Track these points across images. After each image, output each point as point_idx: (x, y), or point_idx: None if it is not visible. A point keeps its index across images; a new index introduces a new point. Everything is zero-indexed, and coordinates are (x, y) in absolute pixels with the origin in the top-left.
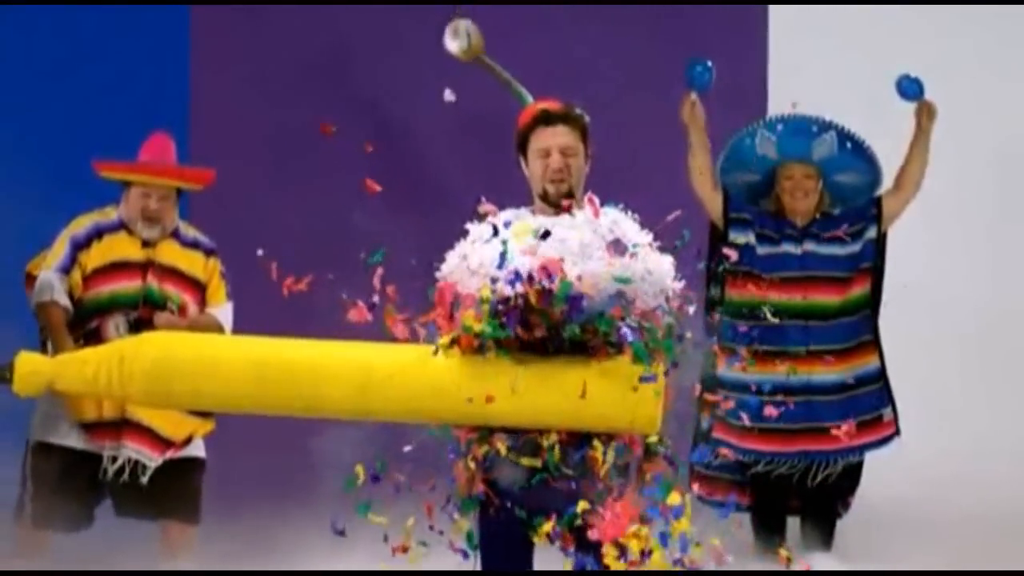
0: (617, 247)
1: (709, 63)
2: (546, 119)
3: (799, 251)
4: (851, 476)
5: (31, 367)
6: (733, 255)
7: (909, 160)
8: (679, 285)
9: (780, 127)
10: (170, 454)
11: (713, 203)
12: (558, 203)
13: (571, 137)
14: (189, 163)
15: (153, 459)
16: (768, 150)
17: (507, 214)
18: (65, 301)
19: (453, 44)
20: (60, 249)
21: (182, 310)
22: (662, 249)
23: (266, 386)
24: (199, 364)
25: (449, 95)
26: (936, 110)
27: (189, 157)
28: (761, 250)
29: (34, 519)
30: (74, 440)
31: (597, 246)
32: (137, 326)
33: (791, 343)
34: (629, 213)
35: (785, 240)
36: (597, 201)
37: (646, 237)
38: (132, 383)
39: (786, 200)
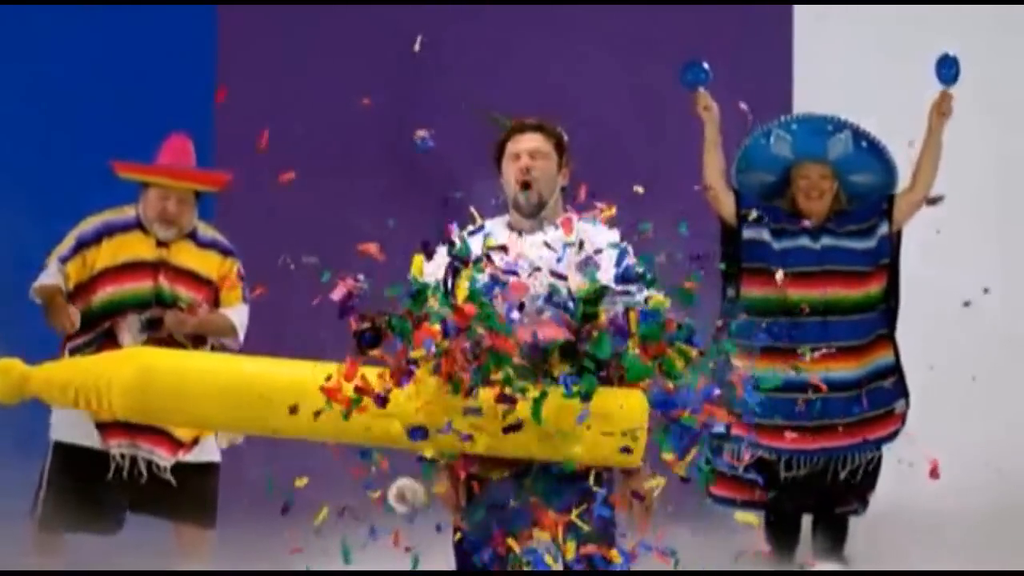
0: (586, 266)
1: (705, 64)
2: (520, 128)
3: (817, 245)
4: (869, 473)
5: (13, 375)
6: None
7: (920, 159)
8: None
9: (795, 127)
10: (181, 454)
11: (725, 201)
12: (529, 212)
13: (542, 143)
14: (214, 165)
15: (166, 459)
16: (783, 150)
17: (486, 223)
18: (59, 281)
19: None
20: (66, 243)
21: (191, 308)
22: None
23: (243, 407)
24: (178, 382)
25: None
26: (949, 108)
27: (214, 158)
28: (777, 245)
29: (42, 520)
30: (90, 440)
31: (566, 264)
32: (150, 325)
33: (809, 339)
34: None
35: (802, 234)
36: (575, 219)
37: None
38: (111, 398)
39: (801, 200)
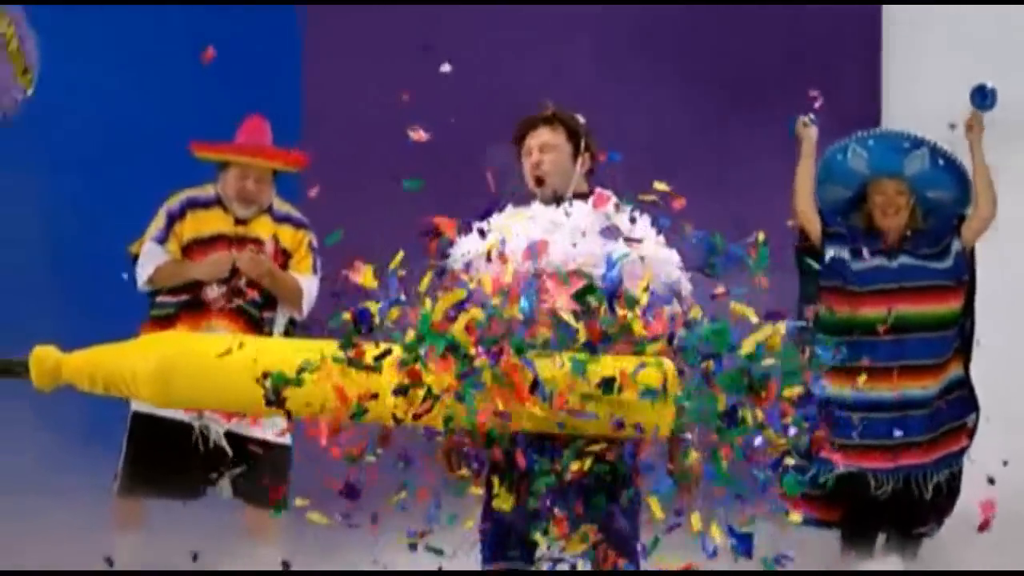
0: (609, 233)
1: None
2: (532, 123)
3: (894, 264)
4: (951, 490)
5: (47, 363)
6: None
7: (973, 180)
8: (685, 281)
9: (872, 143)
10: (235, 422)
11: (812, 219)
12: (546, 203)
13: (551, 136)
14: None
15: (221, 425)
16: (860, 165)
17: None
18: (168, 257)
19: None
20: (157, 223)
21: (259, 249)
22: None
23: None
24: (201, 369)
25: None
26: (976, 124)
27: (300, 144)
28: (855, 265)
29: (121, 489)
30: (166, 410)
31: (590, 230)
32: (227, 278)
33: (886, 358)
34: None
35: (878, 254)
36: (608, 194)
37: (651, 232)
38: (136, 387)
39: (877, 216)
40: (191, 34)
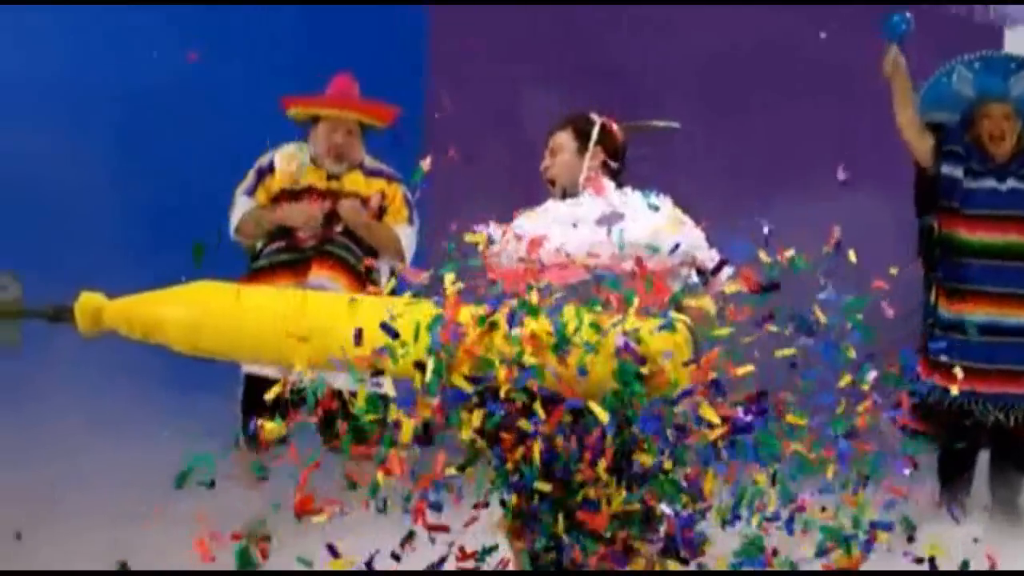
0: (608, 220)
1: (908, 14)
2: (550, 130)
3: (1004, 188)
4: None
5: (89, 309)
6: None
7: None
8: (707, 255)
9: (978, 65)
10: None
11: (921, 147)
12: (559, 197)
13: (562, 138)
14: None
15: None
16: (965, 88)
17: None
18: (254, 204)
19: None
20: (248, 178)
21: (365, 202)
22: None
23: (286, 342)
24: (229, 318)
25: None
26: None
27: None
28: (967, 184)
29: (246, 444)
30: (268, 369)
31: (592, 218)
32: (326, 222)
33: (994, 283)
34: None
35: (989, 175)
36: (604, 181)
37: (668, 218)
38: (166, 335)
39: (985, 141)
40: (317, 21)
